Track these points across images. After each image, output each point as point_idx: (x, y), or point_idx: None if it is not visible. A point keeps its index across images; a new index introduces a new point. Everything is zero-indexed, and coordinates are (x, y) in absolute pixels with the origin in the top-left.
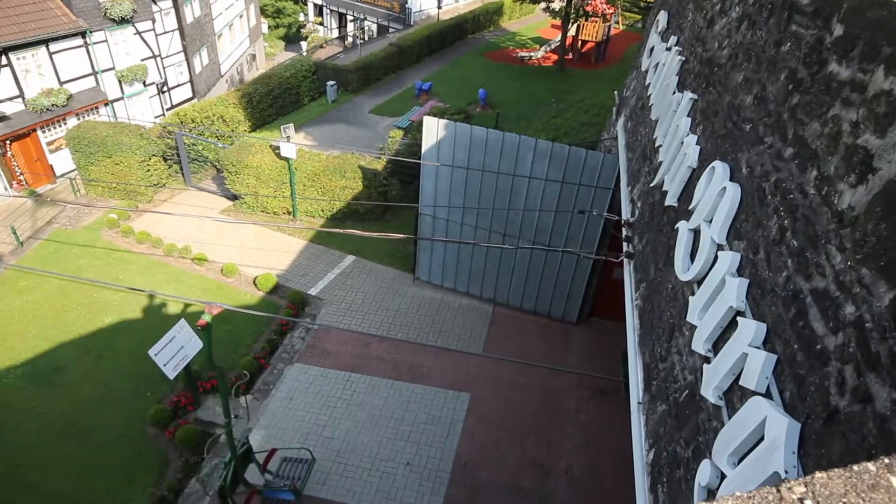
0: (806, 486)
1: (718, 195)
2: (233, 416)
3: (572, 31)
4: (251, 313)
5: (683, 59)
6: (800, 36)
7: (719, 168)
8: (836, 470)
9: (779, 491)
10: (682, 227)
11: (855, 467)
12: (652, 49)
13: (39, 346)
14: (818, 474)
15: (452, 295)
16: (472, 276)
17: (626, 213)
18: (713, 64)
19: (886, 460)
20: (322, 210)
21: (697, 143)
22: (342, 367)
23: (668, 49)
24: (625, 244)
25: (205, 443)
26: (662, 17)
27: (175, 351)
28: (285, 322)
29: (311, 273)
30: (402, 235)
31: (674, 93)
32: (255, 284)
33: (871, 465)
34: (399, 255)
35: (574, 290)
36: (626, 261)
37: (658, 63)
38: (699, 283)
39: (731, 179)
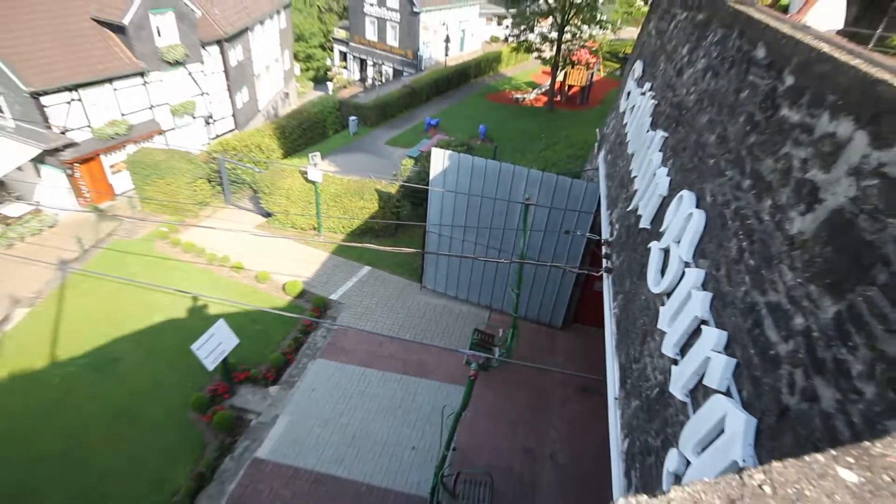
0: (764, 473)
1: (686, 220)
2: (452, 448)
3: (560, 77)
4: (280, 314)
5: (656, 102)
6: (756, 85)
7: (687, 196)
8: (790, 460)
9: (741, 478)
10: (654, 246)
11: (807, 458)
12: (629, 93)
13: (98, 341)
14: (775, 464)
15: (454, 302)
16: (472, 285)
17: (605, 234)
18: (682, 107)
19: (833, 452)
20: (343, 227)
21: (668, 175)
22: (358, 363)
23: (643, 94)
24: (604, 260)
25: (238, 427)
26: (638, 67)
27: (214, 346)
28: (309, 323)
29: (333, 281)
30: (411, 250)
31: (648, 131)
32: (284, 290)
33: (820, 457)
34: (409, 267)
35: (560, 300)
36: (605, 275)
37: (634, 105)
38: (668, 295)
39: (697, 206)
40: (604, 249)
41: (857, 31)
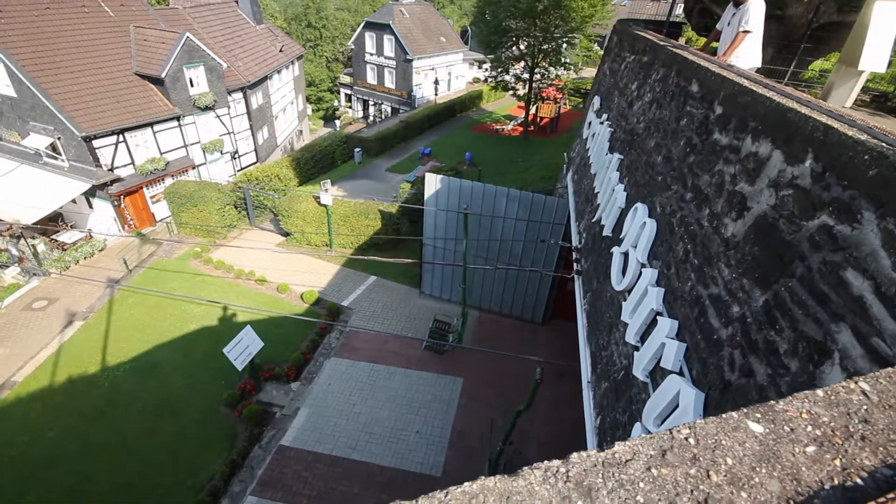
0: (689, 429)
1: (641, 227)
2: (510, 442)
3: (533, 110)
4: (299, 318)
5: (612, 129)
6: (693, 114)
7: (641, 208)
8: (710, 418)
9: (671, 433)
10: (616, 251)
11: (723, 415)
12: (590, 123)
13: (142, 347)
14: (699, 421)
15: (449, 304)
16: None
17: (575, 242)
18: (633, 133)
19: (745, 410)
20: (352, 243)
21: (625, 190)
22: (367, 360)
23: (602, 123)
24: (575, 264)
25: (264, 419)
26: (597, 101)
27: (242, 349)
28: (324, 326)
29: (344, 289)
30: (410, 260)
31: (606, 154)
32: (302, 298)
33: (735, 414)
34: (409, 275)
35: (539, 299)
36: (576, 276)
37: (595, 133)
38: (629, 291)
39: (650, 216)
40: (574, 255)
41: (773, 68)
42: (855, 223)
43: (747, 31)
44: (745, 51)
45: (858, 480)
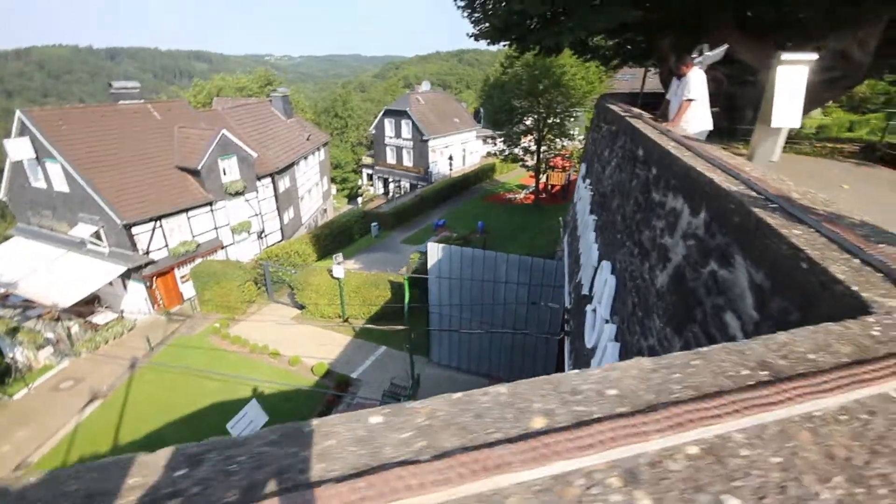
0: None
1: (604, 284)
2: None
3: (543, 179)
4: (309, 390)
5: (592, 192)
6: (639, 175)
7: (605, 265)
8: None
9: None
10: (588, 308)
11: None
12: (578, 188)
13: (155, 424)
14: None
15: (457, 373)
16: (471, 356)
17: (567, 303)
18: (604, 195)
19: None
20: (363, 313)
21: (598, 249)
22: None
23: (586, 187)
24: (565, 325)
25: None
26: (583, 167)
27: (247, 424)
28: (331, 398)
29: (353, 360)
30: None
31: (587, 215)
32: (312, 371)
33: None
34: (418, 344)
35: (549, 363)
36: (565, 337)
37: (581, 197)
38: (595, 349)
39: (612, 273)
40: (565, 316)
41: (722, 129)
42: (730, 267)
43: (691, 100)
44: (692, 117)
45: None
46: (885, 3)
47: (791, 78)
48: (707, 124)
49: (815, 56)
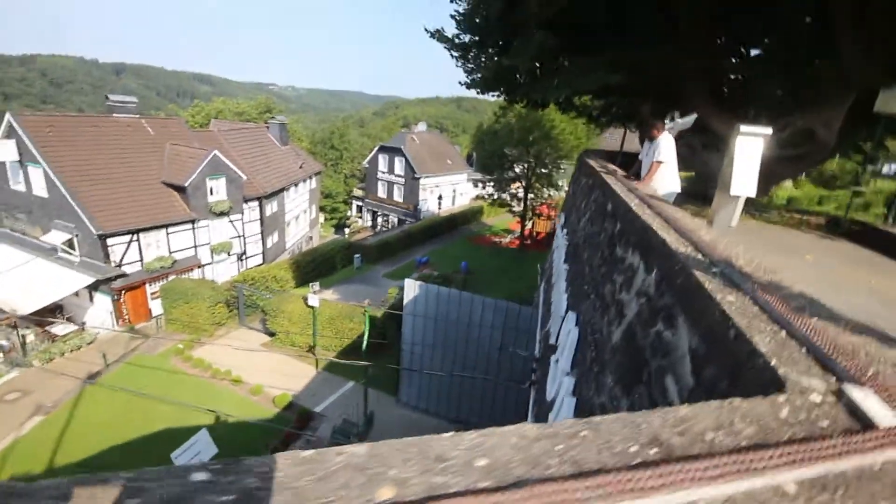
0: None
1: (567, 336)
2: None
3: (529, 225)
4: (266, 424)
5: (567, 242)
6: (607, 228)
7: (571, 316)
8: None
9: None
10: (552, 359)
11: None
12: (556, 236)
13: (97, 448)
14: None
15: (425, 415)
16: (441, 399)
17: (536, 351)
18: (577, 245)
19: None
20: (335, 346)
21: (567, 299)
22: None
23: (563, 236)
24: (532, 374)
25: None
26: (562, 217)
27: (193, 455)
28: (289, 433)
29: (319, 394)
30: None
31: (562, 264)
32: (274, 402)
33: None
34: (389, 383)
35: (521, 406)
36: (531, 387)
37: (558, 245)
38: (553, 402)
39: (576, 324)
40: (533, 365)
41: (695, 192)
42: (673, 329)
43: (660, 162)
44: (660, 178)
45: None
46: (842, 87)
47: (748, 149)
48: (675, 187)
49: (769, 130)
